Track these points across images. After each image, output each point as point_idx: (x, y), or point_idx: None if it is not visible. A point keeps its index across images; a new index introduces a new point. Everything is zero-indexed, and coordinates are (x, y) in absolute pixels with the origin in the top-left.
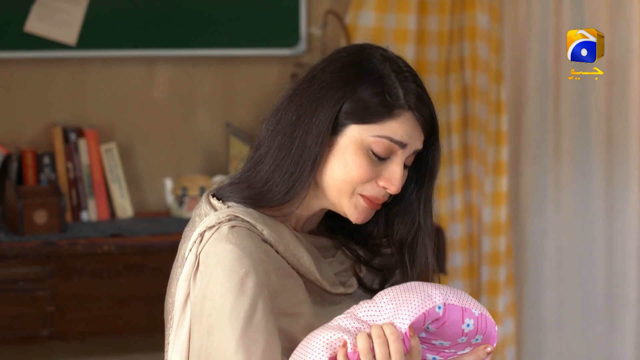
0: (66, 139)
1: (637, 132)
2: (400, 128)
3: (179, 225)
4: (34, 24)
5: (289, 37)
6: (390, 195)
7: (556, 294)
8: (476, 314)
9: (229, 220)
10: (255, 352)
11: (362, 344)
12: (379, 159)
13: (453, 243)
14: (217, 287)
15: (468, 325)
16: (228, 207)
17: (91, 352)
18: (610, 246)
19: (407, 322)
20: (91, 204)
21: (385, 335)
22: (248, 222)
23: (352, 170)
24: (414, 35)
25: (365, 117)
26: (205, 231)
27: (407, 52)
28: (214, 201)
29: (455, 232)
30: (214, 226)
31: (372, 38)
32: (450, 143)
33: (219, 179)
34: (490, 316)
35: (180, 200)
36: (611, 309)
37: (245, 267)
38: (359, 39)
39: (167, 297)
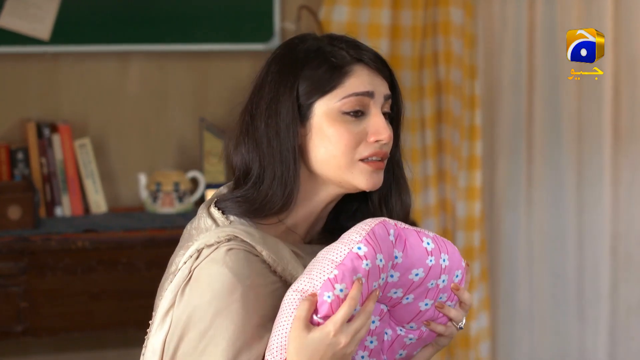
0: (40, 135)
1: (610, 127)
2: (359, 80)
3: (152, 221)
4: (7, 19)
5: (263, 32)
6: (386, 145)
7: (530, 288)
8: (430, 235)
9: (228, 240)
10: None
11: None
12: (355, 117)
13: None
14: (204, 308)
15: (428, 243)
16: (230, 221)
17: (65, 347)
18: (581, 241)
19: (367, 229)
20: (65, 199)
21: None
22: (247, 243)
23: (338, 142)
24: (388, 30)
25: (323, 88)
26: (203, 249)
27: (381, 47)
28: (216, 213)
29: (429, 227)
30: (212, 245)
31: (345, 33)
32: (424, 138)
33: (222, 189)
34: (446, 240)
35: (154, 196)
36: (582, 303)
37: (236, 293)
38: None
39: (157, 300)
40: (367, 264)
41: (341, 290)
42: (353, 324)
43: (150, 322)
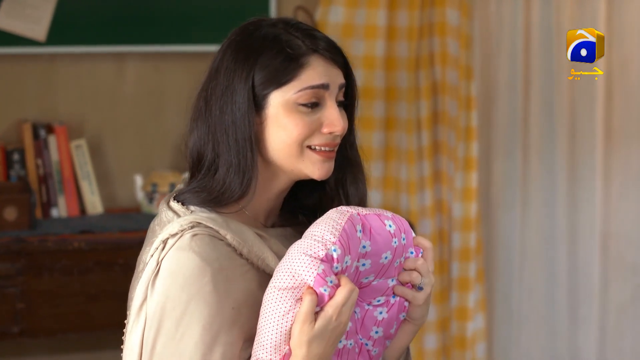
0: (36, 136)
1: (602, 128)
2: (315, 72)
3: (149, 222)
4: (3, 20)
5: None
6: (339, 137)
7: (524, 289)
8: (389, 215)
9: (192, 227)
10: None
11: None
12: (311, 108)
13: None
14: (177, 296)
15: (390, 225)
16: (191, 211)
17: (62, 348)
18: (575, 241)
19: (339, 229)
20: (61, 200)
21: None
22: (211, 227)
23: (292, 130)
24: (384, 31)
25: (279, 79)
26: (168, 239)
27: (377, 48)
28: (176, 205)
29: (425, 228)
30: (176, 234)
31: (341, 34)
32: (420, 139)
33: (179, 187)
34: (398, 215)
35: (150, 197)
36: (575, 302)
37: (207, 276)
38: (328, 34)
39: (129, 302)
40: (337, 267)
41: (331, 282)
42: (348, 303)
43: (125, 321)
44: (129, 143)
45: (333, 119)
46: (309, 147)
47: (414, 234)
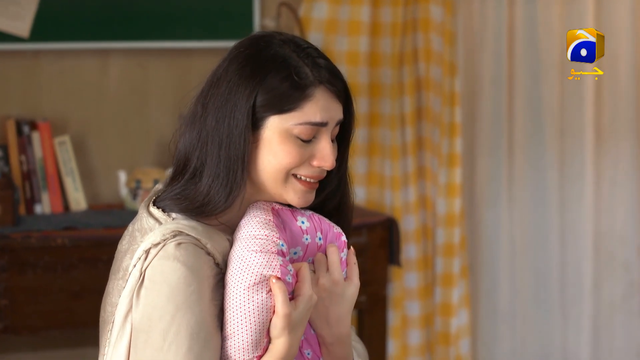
0: (19, 132)
1: (592, 125)
2: (317, 107)
3: (132, 218)
4: None
5: (243, 29)
6: (326, 171)
7: (510, 285)
8: (306, 214)
9: (174, 236)
10: None
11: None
12: (306, 142)
13: (407, 235)
14: (163, 306)
15: (303, 222)
16: (173, 218)
17: (45, 345)
18: (563, 238)
19: (272, 225)
20: (45, 197)
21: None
22: (193, 236)
23: (283, 159)
24: (368, 27)
25: (281, 106)
26: (150, 248)
27: (361, 44)
28: (156, 212)
29: (409, 224)
30: (159, 243)
31: (325, 30)
32: (404, 135)
33: (158, 186)
34: (323, 217)
35: (134, 193)
36: (564, 300)
37: (192, 285)
38: (312, 31)
39: (106, 306)
40: (287, 258)
41: (291, 271)
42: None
43: (99, 323)
44: (113, 139)
45: (325, 155)
46: (294, 175)
47: (343, 238)
